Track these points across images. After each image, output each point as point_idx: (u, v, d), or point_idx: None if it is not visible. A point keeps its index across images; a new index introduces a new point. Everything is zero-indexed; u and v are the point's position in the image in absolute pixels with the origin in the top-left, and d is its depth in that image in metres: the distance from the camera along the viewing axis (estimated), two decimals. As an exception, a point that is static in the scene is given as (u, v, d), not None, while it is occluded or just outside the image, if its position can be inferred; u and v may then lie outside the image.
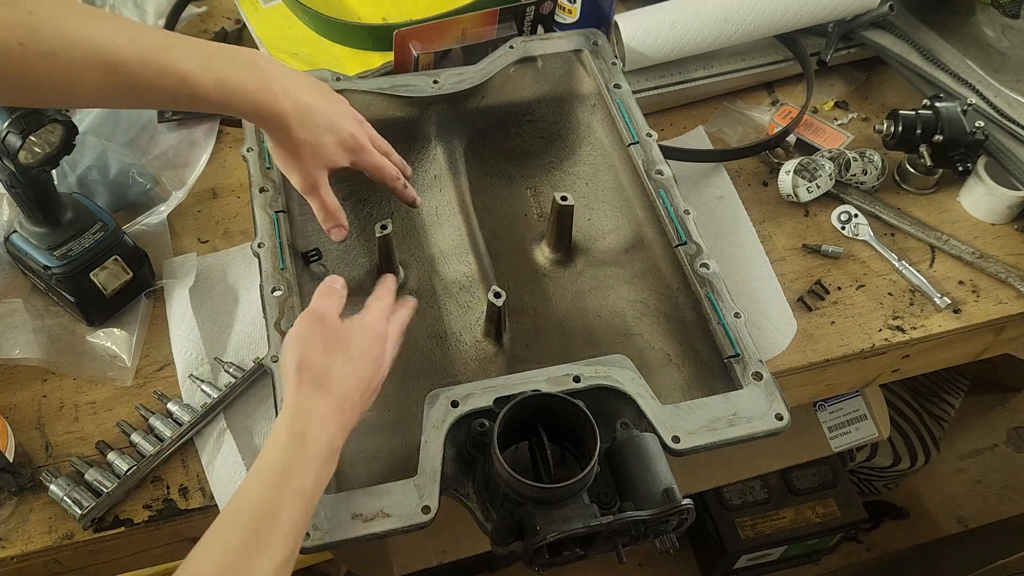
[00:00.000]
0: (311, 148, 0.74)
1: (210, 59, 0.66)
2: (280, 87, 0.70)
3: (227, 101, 0.68)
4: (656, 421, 0.70)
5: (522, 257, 0.93)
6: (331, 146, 0.75)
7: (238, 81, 0.68)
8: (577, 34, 1.00)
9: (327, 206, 0.78)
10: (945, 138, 0.97)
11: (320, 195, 0.77)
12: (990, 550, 1.36)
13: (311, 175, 0.75)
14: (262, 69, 0.70)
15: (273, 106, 0.70)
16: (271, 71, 0.71)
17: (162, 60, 0.63)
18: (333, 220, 0.79)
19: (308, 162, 0.75)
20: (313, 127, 0.73)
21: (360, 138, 0.77)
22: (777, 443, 1.32)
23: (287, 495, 0.58)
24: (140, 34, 0.63)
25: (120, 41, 0.61)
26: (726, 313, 0.77)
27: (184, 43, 0.66)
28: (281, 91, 0.70)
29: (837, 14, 1.09)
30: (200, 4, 1.21)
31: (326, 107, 0.75)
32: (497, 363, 0.83)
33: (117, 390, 0.85)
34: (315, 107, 0.73)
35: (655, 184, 0.86)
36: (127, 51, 0.61)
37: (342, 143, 0.76)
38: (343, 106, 0.78)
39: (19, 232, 0.86)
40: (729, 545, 1.49)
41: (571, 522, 0.63)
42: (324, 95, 0.76)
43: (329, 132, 0.74)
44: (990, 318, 0.93)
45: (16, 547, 0.76)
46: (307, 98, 0.73)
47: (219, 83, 0.66)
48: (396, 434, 0.77)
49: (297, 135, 0.72)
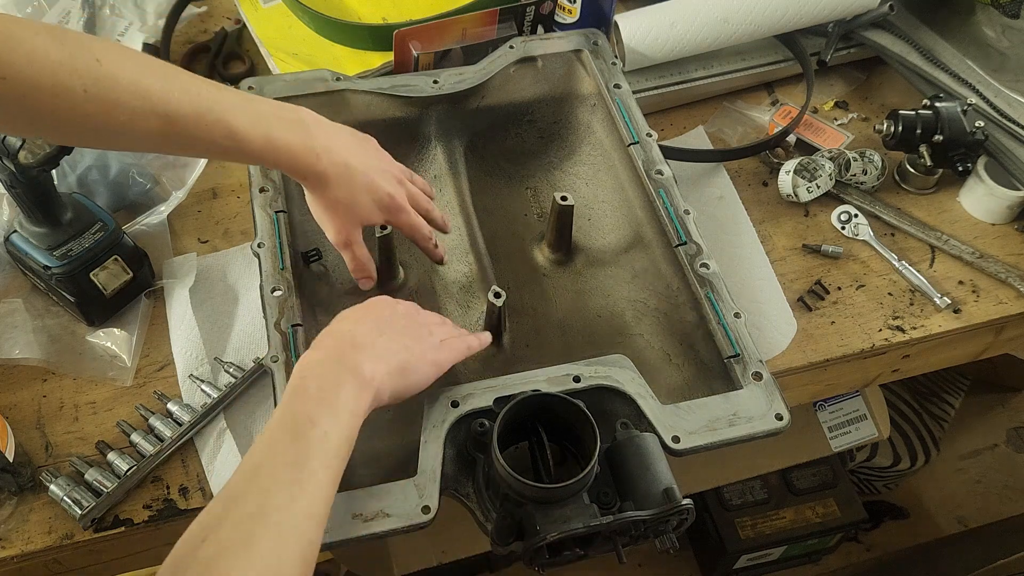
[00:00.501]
0: (347, 207, 0.76)
1: (259, 116, 0.69)
2: (323, 146, 0.73)
3: (272, 157, 0.71)
4: (656, 421, 0.70)
5: (522, 257, 0.93)
6: (367, 205, 0.77)
7: (284, 139, 0.71)
8: (577, 34, 1.00)
9: (358, 259, 0.80)
10: (945, 138, 0.97)
11: (353, 250, 0.80)
12: (990, 550, 1.36)
13: (345, 230, 0.78)
14: (307, 127, 0.73)
15: (314, 166, 0.73)
16: (316, 131, 0.74)
17: (214, 114, 0.66)
18: (362, 272, 0.82)
19: (343, 218, 0.77)
20: (351, 187, 0.75)
21: (397, 198, 0.79)
22: (777, 443, 1.32)
23: (313, 444, 0.57)
24: (195, 87, 0.65)
25: (176, 95, 0.64)
26: (726, 313, 0.77)
27: (235, 97, 0.69)
28: (324, 150, 0.73)
29: (837, 14, 1.09)
30: (200, 4, 1.21)
31: (367, 167, 0.77)
32: (497, 363, 0.83)
33: (117, 390, 0.85)
34: (355, 167, 0.75)
35: (655, 184, 0.86)
36: (181, 104, 0.64)
37: (378, 203, 0.78)
38: (385, 163, 0.81)
39: (19, 232, 0.86)
40: (729, 545, 1.49)
41: (571, 522, 0.63)
42: (367, 153, 0.79)
43: (366, 192, 0.77)
44: (990, 318, 0.93)
45: (16, 547, 0.76)
46: (348, 158, 0.75)
47: (267, 139, 0.69)
48: (396, 434, 0.77)
49: (334, 194, 0.75)
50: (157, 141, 0.66)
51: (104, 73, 0.60)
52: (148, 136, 0.64)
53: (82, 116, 0.60)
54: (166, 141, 0.66)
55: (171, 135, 0.65)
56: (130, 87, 0.61)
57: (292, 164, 0.72)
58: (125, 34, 1.12)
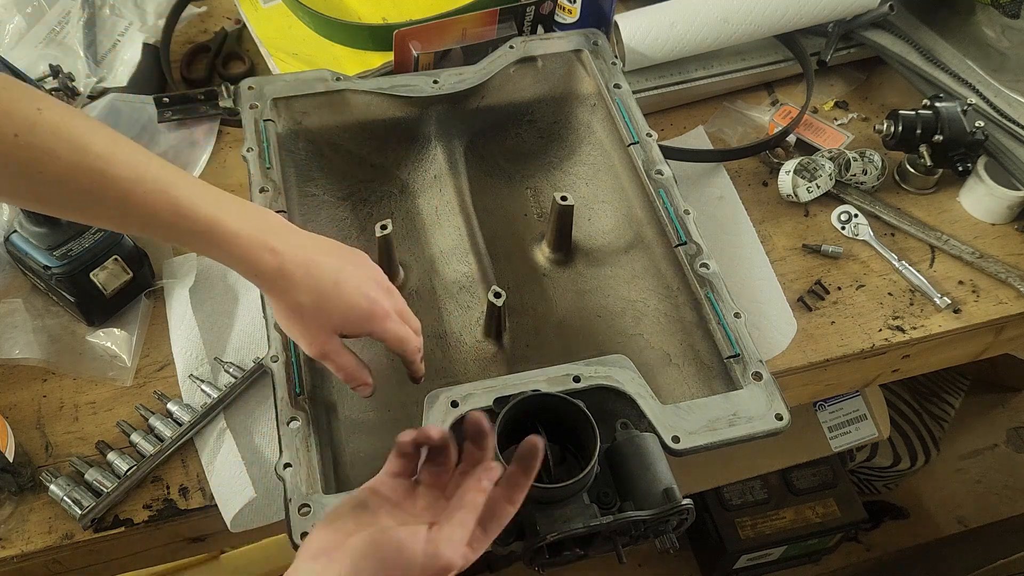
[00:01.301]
0: (314, 313, 0.65)
1: (213, 196, 0.61)
2: (284, 242, 0.63)
3: (218, 244, 0.61)
4: (656, 421, 0.70)
5: (522, 257, 0.93)
6: (340, 311, 0.65)
7: (235, 226, 0.61)
8: (577, 34, 1.00)
9: (345, 370, 0.69)
10: (945, 138, 0.97)
11: (334, 361, 0.68)
12: (990, 550, 1.36)
13: (319, 342, 0.67)
14: (268, 221, 0.64)
15: (268, 262, 0.63)
16: (280, 228, 0.64)
17: (158, 183, 0.59)
18: (354, 381, 0.70)
19: (313, 328, 0.66)
20: (318, 288, 0.64)
21: (381, 303, 0.67)
22: (777, 443, 1.32)
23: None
24: (143, 155, 0.59)
25: (120, 157, 0.58)
26: (726, 313, 0.77)
27: (189, 177, 0.61)
28: (284, 246, 0.63)
29: (837, 14, 1.09)
30: (200, 4, 1.21)
31: (339, 265, 0.66)
32: (497, 363, 0.83)
33: (117, 390, 0.85)
34: (322, 264, 0.65)
35: (655, 184, 0.86)
36: (123, 167, 0.58)
37: (354, 308, 0.66)
38: (370, 269, 0.69)
39: (19, 232, 0.86)
40: (729, 545, 1.49)
41: (571, 522, 0.63)
42: (343, 255, 0.68)
43: (338, 295, 0.65)
44: (990, 318, 0.93)
45: (16, 547, 0.76)
46: (315, 255, 0.65)
47: (214, 222, 0.60)
48: (396, 434, 0.77)
49: (296, 298, 0.64)
50: (91, 204, 0.58)
51: (43, 120, 0.55)
52: (81, 196, 0.58)
53: (13, 163, 0.55)
54: (102, 207, 0.59)
55: (107, 200, 0.58)
56: (69, 140, 0.56)
57: (242, 256, 0.62)
58: (125, 34, 1.12)
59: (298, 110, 0.92)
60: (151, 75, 1.10)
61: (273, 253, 0.63)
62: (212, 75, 1.14)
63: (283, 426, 0.70)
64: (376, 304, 0.67)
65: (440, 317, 0.87)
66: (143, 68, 1.09)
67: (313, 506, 0.65)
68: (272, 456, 0.80)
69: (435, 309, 0.87)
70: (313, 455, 0.68)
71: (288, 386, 0.72)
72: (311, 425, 0.70)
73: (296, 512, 0.65)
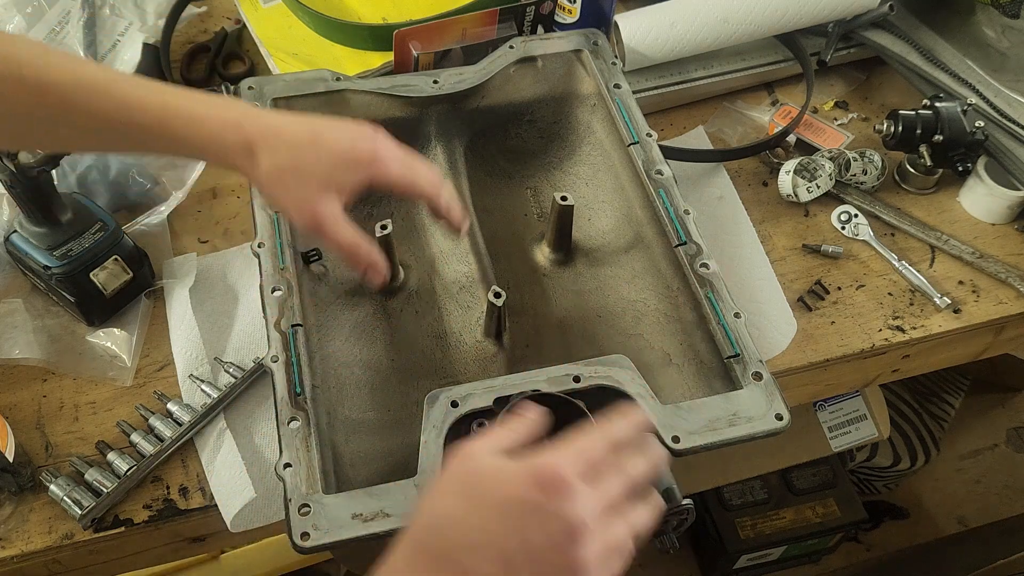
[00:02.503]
0: (295, 172, 0.58)
1: (161, 87, 0.57)
2: (247, 114, 0.58)
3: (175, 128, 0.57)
4: (656, 421, 0.70)
5: (522, 257, 0.93)
6: (326, 163, 0.59)
7: (189, 106, 0.57)
8: (577, 34, 1.00)
9: (343, 243, 0.60)
10: (945, 138, 0.97)
11: (330, 231, 0.59)
12: (990, 550, 1.36)
13: (308, 207, 0.59)
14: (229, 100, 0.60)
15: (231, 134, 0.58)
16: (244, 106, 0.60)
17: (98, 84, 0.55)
18: (357, 259, 0.61)
19: (296, 190, 0.59)
20: (294, 146, 0.58)
21: (374, 143, 0.61)
22: (777, 443, 1.32)
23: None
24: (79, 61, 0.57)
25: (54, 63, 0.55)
26: (726, 313, 0.77)
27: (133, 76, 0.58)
28: (248, 118, 0.58)
29: (837, 14, 1.09)
30: (200, 4, 1.21)
31: (314, 122, 0.61)
32: (497, 363, 0.83)
33: (117, 390, 0.85)
34: (294, 125, 0.59)
35: (655, 184, 0.86)
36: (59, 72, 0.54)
37: (342, 155, 0.59)
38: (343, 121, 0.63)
39: (19, 232, 0.86)
40: (729, 545, 1.49)
41: (571, 522, 0.63)
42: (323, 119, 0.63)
43: (318, 146, 0.59)
44: (990, 318, 0.93)
45: (16, 547, 0.76)
46: (286, 121, 0.60)
47: (163, 108, 0.56)
48: (396, 434, 0.77)
49: (272, 161, 0.58)
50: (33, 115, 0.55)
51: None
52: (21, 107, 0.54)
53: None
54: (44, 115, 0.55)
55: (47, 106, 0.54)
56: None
57: (202, 135, 0.56)
58: (125, 34, 1.12)
59: (298, 110, 0.92)
60: (151, 75, 1.10)
61: (240, 128, 0.58)
62: (212, 75, 1.14)
63: (283, 426, 0.69)
64: (362, 141, 0.60)
65: (440, 317, 0.87)
66: (143, 68, 1.09)
67: (313, 506, 0.65)
68: (272, 456, 0.80)
69: (435, 309, 0.87)
70: (313, 455, 0.68)
71: (288, 386, 0.72)
72: (311, 425, 0.70)
73: (296, 512, 0.65)
